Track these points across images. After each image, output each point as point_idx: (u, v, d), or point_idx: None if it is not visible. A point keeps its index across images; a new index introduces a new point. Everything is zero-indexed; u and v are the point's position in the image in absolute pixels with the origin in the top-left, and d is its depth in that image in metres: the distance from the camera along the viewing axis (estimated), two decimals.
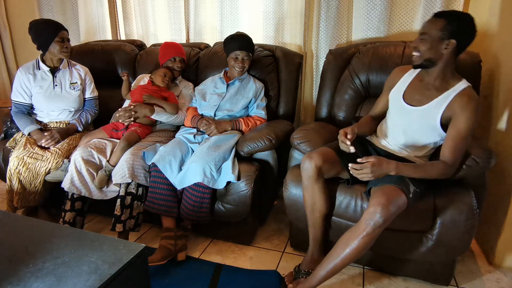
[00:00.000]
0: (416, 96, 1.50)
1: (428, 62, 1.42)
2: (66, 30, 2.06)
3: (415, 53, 1.44)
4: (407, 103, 1.52)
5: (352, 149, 1.42)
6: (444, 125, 1.43)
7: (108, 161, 1.85)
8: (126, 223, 1.73)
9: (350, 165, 1.39)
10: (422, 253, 1.47)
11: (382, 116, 1.69)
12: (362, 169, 1.35)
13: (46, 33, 1.99)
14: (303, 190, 1.57)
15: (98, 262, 0.93)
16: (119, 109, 2.00)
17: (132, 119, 1.95)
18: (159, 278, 1.62)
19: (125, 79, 2.20)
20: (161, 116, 2.03)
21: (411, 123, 1.50)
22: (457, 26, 1.34)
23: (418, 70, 1.53)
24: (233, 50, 2.03)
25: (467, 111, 1.36)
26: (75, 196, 1.82)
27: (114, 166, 1.83)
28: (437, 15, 1.39)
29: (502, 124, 1.71)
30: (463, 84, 1.43)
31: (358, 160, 1.37)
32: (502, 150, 1.70)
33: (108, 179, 1.84)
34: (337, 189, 1.57)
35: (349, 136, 1.45)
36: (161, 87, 2.10)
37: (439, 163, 1.40)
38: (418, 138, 1.51)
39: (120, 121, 1.97)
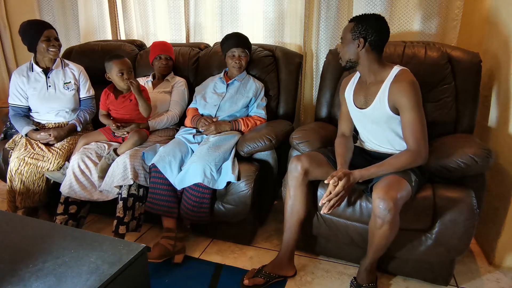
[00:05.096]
0: (361, 98, 1.55)
1: (350, 63, 1.50)
2: (54, 29, 2.02)
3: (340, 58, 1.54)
4: (358, 108, 1.56)
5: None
6: (397, 111, 1.45)
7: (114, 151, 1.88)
8: (129, 225, 1.73)
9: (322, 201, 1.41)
10: (422, 253, 1.47)
11: (351, 128, 1.70)
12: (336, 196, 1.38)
13: (32, 33, 1.97)
14: (286, 190, 1.58)
15: (98, 262, 0.93)
16: (114, 125, 1.98)
17: (126, 134, 1.97)
18: (159, 278, 1.62)
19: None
20: (159, 125, 2.09)
21: (372, 123, 1.55)
22: (364, 25, 1.42)
23: (358, 75, 1.59)
24: (229, 48, 2.05)
25: (403, 94, 1.39)
26: (69, 200, 1.82)
27: (118, 156, 1.84)
28: (350, 20, 1.49)
29: (502, 124, 1.71)
30: (395, 71, 1.46)
31: (324, 192, 1.42)
32: (502, 150, 1.69)
33: (109, 167, 1.84)
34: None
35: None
36: (126, 95, 1.96)
37: (403, 153, 1.42)
38: (387, 133, 1.52)
39: (116, 135, 2.00)
